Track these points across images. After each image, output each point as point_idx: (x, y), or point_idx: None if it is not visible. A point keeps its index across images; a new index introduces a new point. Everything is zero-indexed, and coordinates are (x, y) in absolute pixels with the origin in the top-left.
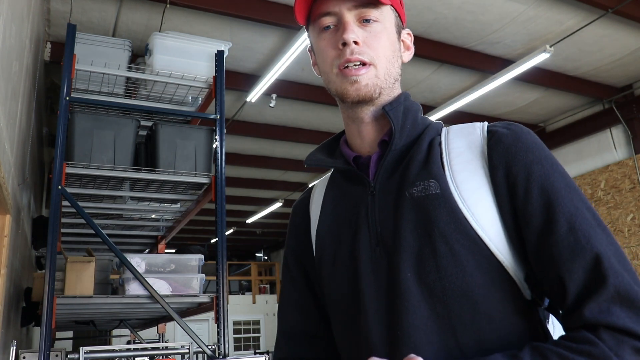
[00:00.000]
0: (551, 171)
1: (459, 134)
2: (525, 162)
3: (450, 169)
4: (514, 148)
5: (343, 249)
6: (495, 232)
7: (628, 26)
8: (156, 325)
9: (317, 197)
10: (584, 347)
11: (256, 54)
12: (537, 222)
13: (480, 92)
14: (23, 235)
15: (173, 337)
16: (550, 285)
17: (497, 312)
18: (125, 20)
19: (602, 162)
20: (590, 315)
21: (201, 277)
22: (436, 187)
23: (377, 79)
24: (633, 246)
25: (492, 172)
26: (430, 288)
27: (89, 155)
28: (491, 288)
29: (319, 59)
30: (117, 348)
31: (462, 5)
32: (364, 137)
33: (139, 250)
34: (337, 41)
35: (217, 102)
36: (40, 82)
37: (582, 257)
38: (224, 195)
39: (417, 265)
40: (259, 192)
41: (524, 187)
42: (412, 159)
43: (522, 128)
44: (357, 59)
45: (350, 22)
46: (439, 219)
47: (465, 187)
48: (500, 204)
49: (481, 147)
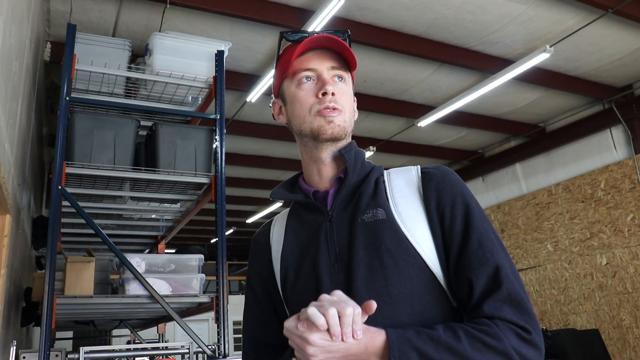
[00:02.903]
0: (469, 203)
1: (399, 174)
2: (451, 195)
3: (393, 201)
4: (442, 184)
5: (306, 266)
6: (429, 249)
7: (628, 26)
8: (156, 325)
9: (277, 228)
10: (482, 327)
11: (256, 54)
12: (457, 240)
13: (480, 92)
14: (23, 235)
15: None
16: (462, 287)
17: (429, 314)
18: (125, 20)
19: (602, 162)
20: (488, 310)
21: (201, 277)
22: (383, 214)
23: (345, 122)
24: (633, 246)
25: (426, 202)
26: (377, 293)
27: (89, 155)
28: (425, 294)
29: (296, 105)
30: (117, 348)
31: (462, 5)
32: (322, 175)
33: (139, 250)
34: (318, 91)
35: (217, 102)
36: (40, 82)
37: (486, 266)
38: (224, 195)
39: (367, 274)
40: (259, 192)
41: (450, 214)
42: (362, 192)
43: (448, 169)
44: (334, 106)
45: (328, 78)
46: (385, 238)
47: (405, 214)
48: (432, 227)
49: (417, 184)
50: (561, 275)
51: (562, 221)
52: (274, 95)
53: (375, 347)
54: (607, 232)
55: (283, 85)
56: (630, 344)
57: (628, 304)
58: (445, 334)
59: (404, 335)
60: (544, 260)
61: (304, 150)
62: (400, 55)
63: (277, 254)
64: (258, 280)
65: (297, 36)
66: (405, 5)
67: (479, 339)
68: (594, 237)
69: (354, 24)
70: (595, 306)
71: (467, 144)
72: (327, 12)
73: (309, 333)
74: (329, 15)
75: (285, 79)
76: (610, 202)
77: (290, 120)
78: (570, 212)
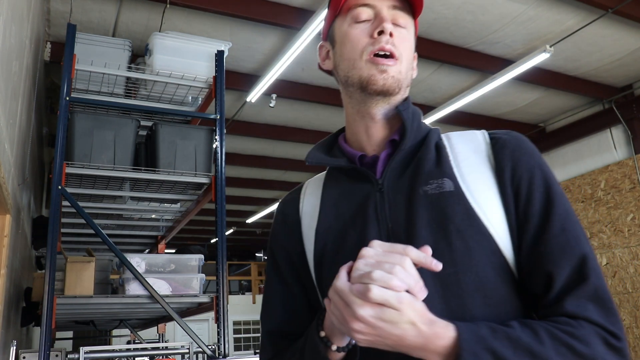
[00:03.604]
0: (549, 177)
1: (461, 139)
2: (528, 166)
3: (459, 170)
4: (518, 152)
5: (349, 245)
6: (503, 231)
7: (628, 26)
8: (156, 325)
9: (310, 197)
10: (567, 328)
11: (256, 54)
12: (535, 221)
13: (480, 92)
14: (23, 235)
15: (173, 337)
16: (536, 278)
17: (504, 308)
18: (125, 20)
19: (602, 162)
20: (570, 308)
21: (201, 277)
22: (450, 185)
23: (400, 74)
24: (633, 246)
25: (499, 173)
26: (445, 281)
27: (89, 155)
28: (500, 284)
29: (347, 47)
30: (117, 348)
31: (462, 5)
32: (371, 135)
33: (139, 250)
34: (373, 30)
35: (217, 102)
36: (40, 82)
37: (570, 256)
38: (224, 195)
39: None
40: (259, 192)
41: (526, 188)
42: (422, 158)
43: (521, 135)
44: (390, 50)
45: (388, 16)
46: (454, 215)
47: (475, 186)
48: (506, 204)
49: (486, 151)
50: None
51: None
52: (323, 38)
53: (441, 345)
54: (607, 232)
55: (334, 25)
56: (630, 344)
57: (628, 304)
58: (524, 334)
59: (477, 333)
60: None
61: (349, 103)
62: None
63: (309, 229)
64: (285, 257)
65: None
66: None
67: (564, 343)
68: (594, 237)
69: None
70: None
71: None
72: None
73: (360, 304)
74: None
75: (337, 16)
76: (610, 202)
77: (338, 64)
78: None
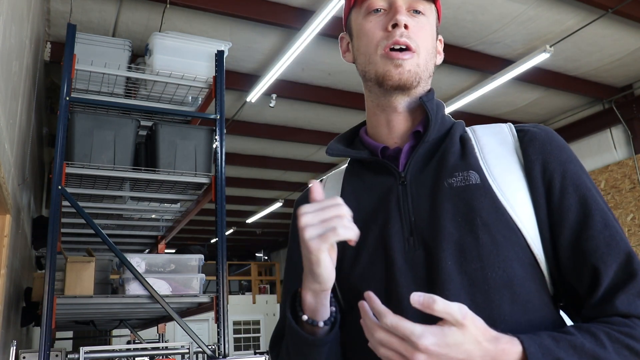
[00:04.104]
0: (581, 171)
1: (487, 132)
2: (560, 160)
3: (485, 163)
4: (549, 146)
5: (370, 240)
6: (531, 225)
7: (628, 26)
8: (156, 325)
9: (330, 191)
10: (624, 329)
11: (256, 54)
12: (573, 217)
13: (480, 92)
14: (23, 235)
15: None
16: (581, 275)
17: (532, 304)
18: (125, 20)
19: (602, 162)
20: (621, 306)
21: (201, 277)
22: (476, 178)
23: (418, 67)
24: (633, 246)
25: (528, 167)
26: (471, 277)
27: (89, 155)
28: (528, 280)
29: (362, 41)
30: (117, 348)
31: (462, 5)
32: (393, 128)
33: (139, 250)
34: (387, 23)
35: (217, 102)
36: (40, 82)
37: (616, 252)
38: (224, 195)
39: (458, 254)
40: (259, 192)
41: (559, 183)
42: (446, 151)
43: (550, 129)
44: (405, 43)
45: (402, 7)
46: (481, 209)
47: (502, 180)
48: (535, 198)
49: (513, 144)
50: None
51: None
52: (344, 27)
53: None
54: None
55: (351, 16)
56: None
57: None
58: (586, 340)
59: (542, 344)
60: None
61: (369, 97)
62: None
63: None
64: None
65: None
66: None
67: (625, 345)
68: None
69: None
70: None
71: None
72: (327, 12)
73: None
74: (329, 15)
75: (353, 7)
76: (610, 202)
77: (357, 58)
78: None
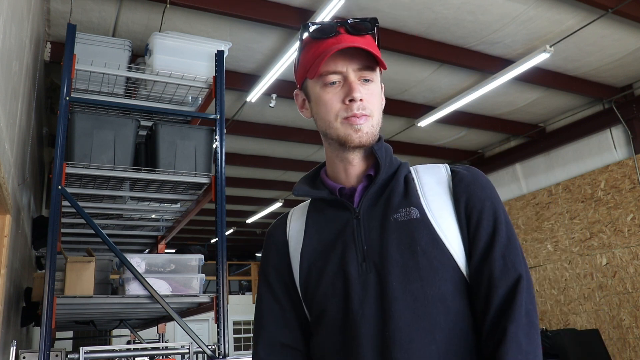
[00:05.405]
0: (497, 208)
1: (428, 172)
2: (480, 198)
3: (425, 200)
4: (472, 186)
5: (331, 265)
6: (460, 251)
7: (628, 26)
8: (156, 325)
9: (295, 223)
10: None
11: (256, 54)
12: (481, 245)
13: (480, 92)
14: (23, 235)
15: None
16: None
17: (462, 314)
18: (125, 20)
19: (602, 162)
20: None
21: (201, 277)
22: (416, 213)
23: (373, 127)
24: (633, 246)
25: (456, 203)
26: (413, 294)
27: (89, 155)
28: (457, 295)
29: (322, 109)
30: (117, 348)
31: (462, 5)
32: (349, 174)
33: (139, 250)
34: (344, 97)
35: (217, 102)
36: (40, 82)
37: (506, 278)
38: (224, 195)
39: (402, 276)
40: (259, 192)
41: (477, 217)
42: (393, 190)
43: (478, 171)
44: (362, 114)
45: (355, 81)
46: (420, 239)
47: (438, 214)
48: (461, 228)
49: (447, 182)
50: (561, 275)
51: (562, 221)
52: (298, 84)
53: None
54: (607, 232)
55: (307, 82)
56: (630, 344)
57: (628, 304)
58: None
59: None
60: (544, 260)
61: (329, 149)
62: (400, 55)
63: (295, 251)
64: (276, 276)
65: (322, 35)
66: (405, 5)
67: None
68: (594, 237)
69: None
70: (595, 306)
71: (467, 144)
72: (327, 12)
73: None
74: (329, 15)
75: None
76: (610, 202)
77: (315, 119)
78: (570, 212)
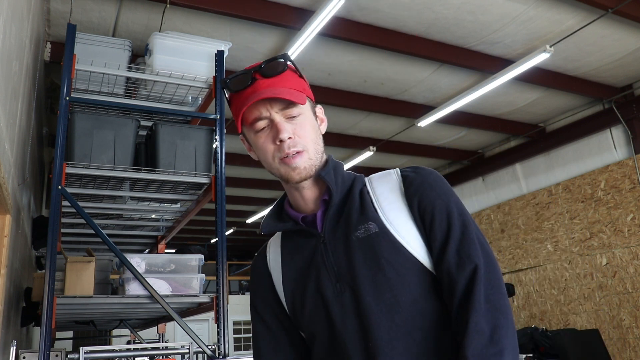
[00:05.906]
0: (448, 203)
1: (380, 181)
2: (430, 198)
3: (382, 210)
4: (422, 187)
5: (309, 291)
6: (423, 252)
7: (628, 26)
8: (156, 325)
9: (272, 254)
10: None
11: (256, 54)
12: (440, 238)
13: (480, 92)
14: (23, 235)
15: (173, 337)
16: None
17: (438, 312)
18: (125, 20)
19: (602, 162)
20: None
21: (201, 277)
22: (375, 227)
23: (310, 160)
24: (633, 246)
25: (409, 205)
26: (387, 304)
27: (89, 155)
28: (430, 296)
29: (260, 152)
30: (117, 348)
31: (462, 5)
32: (306, 200)
33: (139, 250)
34: (274, 138)
35: (217, 102)
36: (40, 82)
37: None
38: (224, 195)
39: (374, 289)
40: (259, 192)
41: (430, 217)
42: (350, 208)
43: (427, 170)
44: (293, 152)
45: (281, 121)
46: (383, 250)
47: (396, 222)
48: (420, 231)
49: (400, 188)
50: (561, 275)
51: (562, 221)
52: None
53: None
54: (607, 232)
55: (244, 128)
56: (630, 344)
57: (628, 304)
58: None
59: None
60: (544, 260)
61: (281, 182)
62: (400, 55)
63: (278, 280)
64: (264, 306)
65: (239, 87)
66: (405, 5)
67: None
68: (594, 237)
69: (354, 23)
70: (595, 306)
71: (467, 144)
72: (327, 12)
73: None
74: (329, 15)
75: (245, 126)
76: (610, 202)
77: (260, 161)
78: (570, 212)
